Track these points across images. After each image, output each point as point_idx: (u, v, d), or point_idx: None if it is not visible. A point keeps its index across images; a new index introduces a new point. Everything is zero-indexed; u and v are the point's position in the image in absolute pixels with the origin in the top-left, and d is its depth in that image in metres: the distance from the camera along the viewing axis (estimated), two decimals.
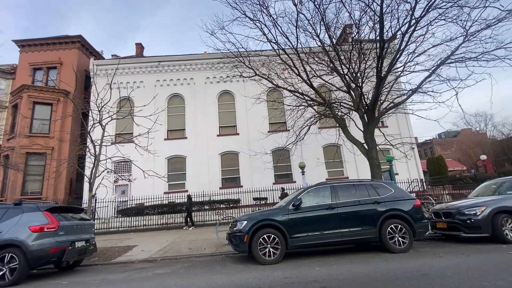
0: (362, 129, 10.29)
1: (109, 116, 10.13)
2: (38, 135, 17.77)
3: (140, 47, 25.36)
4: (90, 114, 10.47)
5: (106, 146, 10.08)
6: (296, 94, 11.16)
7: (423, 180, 17.98)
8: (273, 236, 5.62)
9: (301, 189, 6.98)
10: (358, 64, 10.13)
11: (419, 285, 3.57)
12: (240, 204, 16.00)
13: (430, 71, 9.23)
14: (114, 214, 16.04)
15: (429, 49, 9.18)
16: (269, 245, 5.57)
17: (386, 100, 10.74)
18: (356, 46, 9.80)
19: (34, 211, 5.80)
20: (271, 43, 10.37)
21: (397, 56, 9.21)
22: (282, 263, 5.47)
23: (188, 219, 13.43)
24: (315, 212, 5.91)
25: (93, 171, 9.28)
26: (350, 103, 11.13)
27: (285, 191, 14.45)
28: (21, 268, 5.22)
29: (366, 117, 10.11)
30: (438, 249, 5.98)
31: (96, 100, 9.95)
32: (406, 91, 10.47)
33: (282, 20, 13.42)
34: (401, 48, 8.96)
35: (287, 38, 10.15)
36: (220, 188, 17.60)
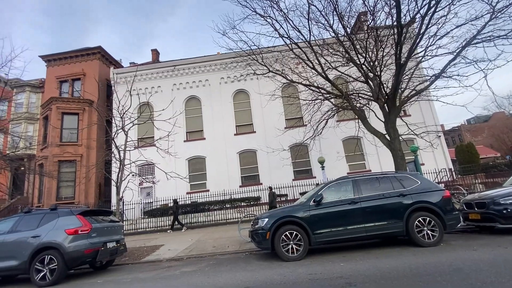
0: (383, 120, 9.92)
1: (130, 122, 10.56)
2: (68, 143, 18.89)
3: (155, 53, 26.10)
4: (113, 121, 10.97)
5: (129, 150, 10.51)
6: (312, 88, 10.96)
7: (452, 170, 17.05)
8: (295, 232, 5.60)
9: (321, 185, 6.88)
10: (375, 53, 9.75)
11: (452, 280, 3.40)
12: (261, 202, 16.09)
13: (455, 53, 8.68)
14: (141, 215, 16.75)
15: (452, 30, 8.63)
16: (291, 242, 5.56)
17: (407, 87, 10.26)
18: (372, 34, 9.42)
19: (68, 215, 6.19)
20: (283, 38, 10.24)
21: (417, 41, 8.74)
22: (306, 260, 5.44)
23: (176, 222, 13.85)
24: (337, 207, 5.81)
25: (119, 175, 9.72)
26: (368, 94, 10.76)
27: (273, 190, 14.41)
28: (60, 268, 5.60)
29: (386, 107, 9.73)
30: (472, 242, 5.66)
31: (118, 107, 10.40)
32: (429, 77, 9.93)
33: (293, 13, 13.31)
34: (421, 32, 8.50)
35: (299, 31, 9.98)
36: (240, 186, 17.78)
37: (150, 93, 19.17)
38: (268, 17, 9.91)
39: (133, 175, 10.74)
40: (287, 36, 10.16)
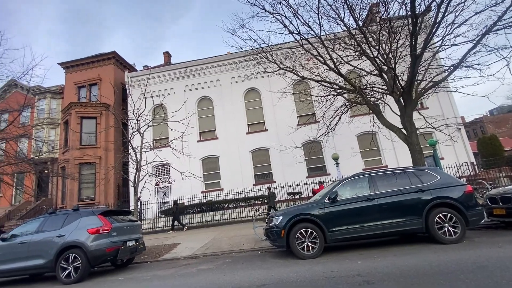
0: (399, 114, 9.63)
1: (146, 124, 10.83)
2: (87, 146, 19.63)
3: (167, 55, 26.56)
4: (129, 123, 11.29)
5: (145, 152, 10.79)
6: (324, 83, 10.79)
7: (474, 163, 16.31)
8: (310, 230, 5.56)
9: (336, 182, 6.78)
10: (389, 45, 9.46)
11: (475, 278, 3.27)
12: (275, 200, 16.05)
13: (474, 41, 8.27)
14: (158, 215, 17.17)
15: (470, 17, 8.21)
16: (307, 240, 5.52)
17: (424, 79, 9.90)
18: (385, 25, 9.15)
19: (90, 215, 6.45)
20: (293, 34, 10.14)
21: (434, 30, 8.40)
22: (322, 257, 5.39)
23: (176, 222, 14.05)
24: (353, 204, 5.71)
25: (136, 175, 10.01)
26: (383, 87, 10.47)
27: (272, 190, 14.35)
28: (83, 266, 5.86)
29: (402, 100, 9.44)
30: (497, 238, 5.41)
31: (133, 110, 10.69)
32: (447, 67, 9.52)
33: (303, 9, 13.13)
34: (437, 20, 8.15)
35: (309, 27, 9.84)
36: (253, 184, 17.85)
37: (163, 95, 19.62)
38: (278, 14, 9.83)
39: (149, 176, 11.02)
40: (297, 32, 10.04)
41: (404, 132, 9.42)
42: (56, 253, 5.95)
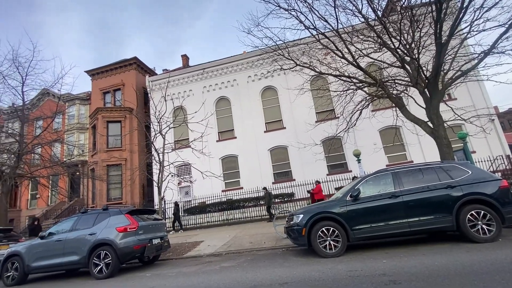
0: (424, 106, 9.16)
1: (167, 126, 11.18)
2: (114, 149, 20.62)
3: (185, 58, 27.20)
4: (151, 126, 11.71)
5: (167, 153, 11.14)
6: (342, 78, 10.51)
7: (510, 156, 15.14)
8: (332, 228, 5.46)
9: (358, 179, 6.60)
10: (411, 34, 9.00)
11: None
12: (295, 198, 15.95)
13: (506, 25, 7.65)
14: (181, 213, 17.67)
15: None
16: (329, 238, 5.43)
17: (451, 68, 9.31)
18: (407, 14, 8.72)
19: (118, 214, 6.78)
20: (309, 30, 9.95)
21: (460, 16, 7.87)
22: (345, 256, 5.29)
23: (177, 223, 14.33)
24: (377, 201, 5.53)
25: (160, 176, 10.37)
26: (406, 79, 10.00)
27: (268, 190, 14.14)
28: (113, 262, 6.18)
29: (427, 92, 8.96)
30: None
31: (155, 112, 11.08)
32: (477, 55, 8.90)
33: (318, 3, 12.87)
34: (464, 5, 7.63)
35: (325, 21, 9.61)
36: (273, 183, 17.82)
37: (182, 97, 20.15)
38: (293, 10, 9.70)
39: (172, 176, 11.39)
40: (313, 27, 9.84)
41: (431, 125, 8.94)
42: (89, 250, 6.33)
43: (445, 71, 9.20)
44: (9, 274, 6.94)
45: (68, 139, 22.14)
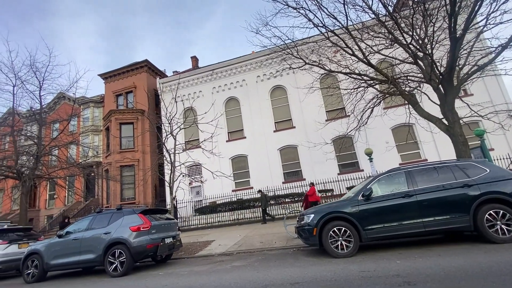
0: (439, 103, 8.90)
1: (178, 127, 11.35)
2: (127, 150, 21.09)
3: (195, 59, 27.50)
4: (162, 127, 11.91)
5: (178, 153, 11.30)
6: (353, 75, 10.35)
7: None
8: (344, 228, 5.40)
9: (370, 178, 6.49)
10: (423, 29, 8.77)
11: None
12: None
13: None
14: (192, 213, 17.90)
15: None
16: (340, 238, 5.37)
17: (467, 63, 9.00)
18: (419, 8, 8.49)
19: (131, 214, 6.94)
20: (318, 28, 9.85)
21: (476, 8, 7.60)
22: (357, 256, 5.21)
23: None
24: (390, 201, 5.41)
25: (171, 176, 10.53)
26: (419, 75, 9.75)
27: (264, 192, 14.06)
28: (128, 261, 6.33)
29: (442, 88, 8.70)
30: None
31: (166, 114, 11.26)
32: (494, 48, 8.57)
33: (328, 0, 12.61)
34: None
35: (335, 18, 9.48)
36: (283, 182, 17.76)
37: (192, 98, 20.37)
38: (301, 8, 9.63)
39: (183, 176, 11.53)
40: (322, 25, 9.74)
41: (446, 122, 8.68)
42: (104, 249, 6.51)
43: (460, 66, 8.91)
44: (29, 271, 7.23)
45: (83, 141, 22.82)
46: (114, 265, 6.36)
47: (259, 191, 14.92)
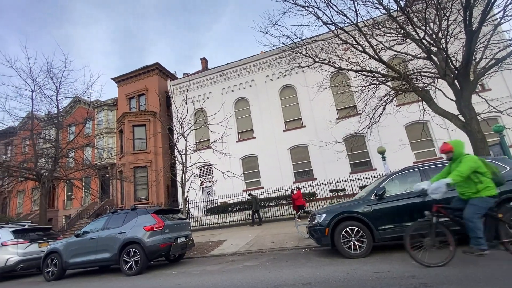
0: (454, 99, 8.61)
1: (188, 128, 11.49)
2: (139, 152, 21.55)
3: (204, 61, 27.77)
4: (174, 128, 12.10)
5: (190, 154, 11.44)
6: (364, 73, 10.16)
7: None
8: (356, 228, 5.31)
9: (383, 177, 6.36)
10: (437, 23, 8.50)
11: None
12: (317, 197, 15.68)
13: None
14: (204, 213, 18.08)
15: None
16: (353, 238, 5.29)
17: (484, 57, 8.67)
18: (432, 2, 8.24)
19: (145, 214, 7.08)
20: (327, 25, 9.72)
21: (492, 0, 7.31)
22: (371, 257, 5.12)
23: None
24: (404, 200, 5.28)
25: (183, 176, 10.67)
26: (433, 71, 9.46)
27: (254, 195, 14.10)
28: (142, 260, 6.46)
29: (457, 83, 8.40)
30: None
31: (177, 115, 11.42)
32: None
33: None
34: None
35: (344, 15, 9.33)
36: (293, 182, 17.66)
37: (202, 99, 20.59)
38: (310, 7, 9.53)
39: (194, 176, 11.66)
40: (331, 22, 9.60)
41: (462, 118, 8.39)
42: (119, 248, 6.68)
43: (476, 60, 8.60)
44: (49, 269, 7.51)
45: (98, 143, 23.48)
46: (129, 264, 6.51)
47: (249, 194, 15.06)
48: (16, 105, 46.81)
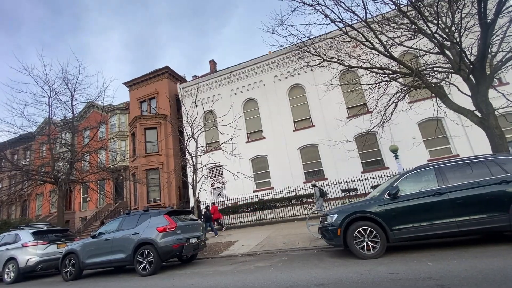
0: (470, 94, 8.33)
1: (198, 130, 11.62)
2: (151, 154, 21.94)
3: (213, 63, 28.00)
4: (184, 130, 12.26)
5: (200, 155, 11.58)
6: (374, 70, 9.98)
7: None
8: (369, 229, 5.22)
9: (396, 176, 6.22)
10: (450, 16, 8.25)
11: None
12: (328, 197, 15.50)
13: None
14: None
15: None
16: (366, 239, 5.20)
17: (500, 50, 8.34)
18: None
19: (157, 215, 7.20)
20: (336, 23, 9.61)
21: None
22: (385, 258, 5.01)
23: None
24: (419, 200, 5.15)
25: (194, 178, 10.80)
26: (446, 66, 9.19)
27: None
28: (155, 260, 6.57)
29: (473, 78, 8.13)
30: None
31: (187, 118, 11.57)
32: None
33: None
34: None
35: (353, 12, 9.20)
36: (304, 182, 17.53)
37: (212, 101, 20.76)
38: (317, 5, 9.44)
39: (205, 178, 11.80)
40: (339, 20, 9.49)
41: (478, 114, 8.11)
42: (133, 249, 6.81)
43: (493, 53, 8.28)
44: (67, 269, 7.75)
45: (111, 147, 24.06)
46: (143, 265, 6.64)
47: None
48: (34, 111, 48.81)
